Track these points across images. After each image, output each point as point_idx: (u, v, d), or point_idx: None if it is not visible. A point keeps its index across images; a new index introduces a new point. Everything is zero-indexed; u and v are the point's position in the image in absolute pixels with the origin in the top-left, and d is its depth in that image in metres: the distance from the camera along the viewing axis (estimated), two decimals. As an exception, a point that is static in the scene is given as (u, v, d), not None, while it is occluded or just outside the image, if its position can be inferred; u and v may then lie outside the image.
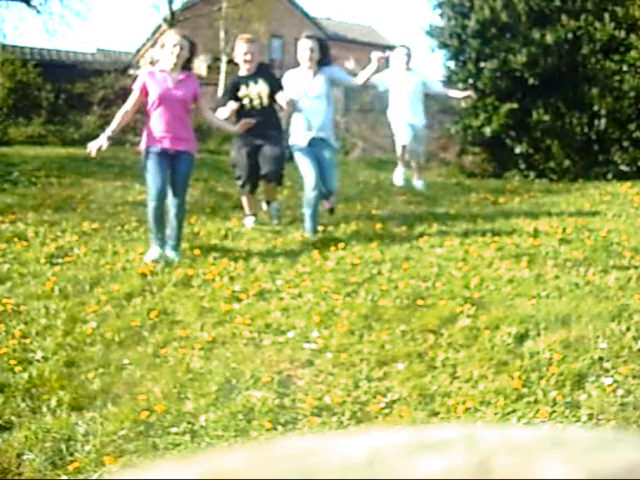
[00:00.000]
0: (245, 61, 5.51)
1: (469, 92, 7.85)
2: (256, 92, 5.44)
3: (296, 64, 5.43)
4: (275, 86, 5.45)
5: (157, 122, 4.62)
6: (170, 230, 4.76)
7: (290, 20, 23.54)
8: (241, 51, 5.55)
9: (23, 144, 12.41)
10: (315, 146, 5.29)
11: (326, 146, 5.34)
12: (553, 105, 9.23)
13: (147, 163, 4.61)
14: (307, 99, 5.27)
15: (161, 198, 4.59)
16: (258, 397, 2.88)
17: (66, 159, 9.43)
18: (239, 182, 5.65)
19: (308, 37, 5.36)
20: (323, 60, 5.34)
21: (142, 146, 4.68)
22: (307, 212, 5.42)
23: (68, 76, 14.76)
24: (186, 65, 4.70)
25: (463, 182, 8.99)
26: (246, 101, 5.45)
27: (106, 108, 13.80)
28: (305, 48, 5.30)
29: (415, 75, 7.19)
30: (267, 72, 5.70)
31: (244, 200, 5.85)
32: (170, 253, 4.75)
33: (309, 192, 5.28)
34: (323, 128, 5.31)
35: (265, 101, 5.45)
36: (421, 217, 6.08)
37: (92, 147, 4.49)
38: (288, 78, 5.41)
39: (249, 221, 5.81)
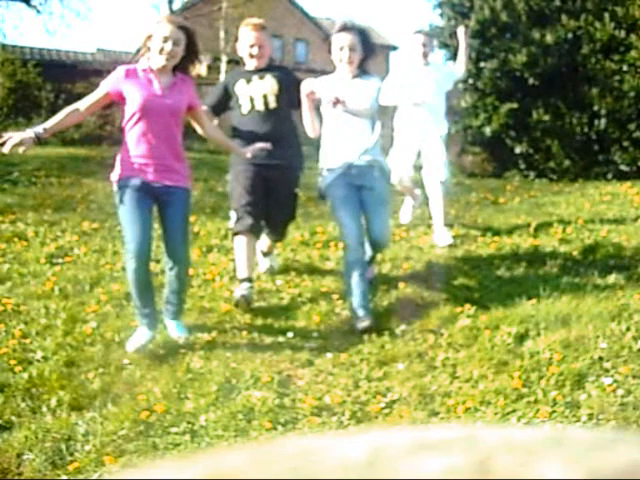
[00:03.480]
0: (251, 55, 3.93)
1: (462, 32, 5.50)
2: (260, 90, 3.90)
3: (296, 65, 5.04)
4: (289, 84, 3.87)
5: (137, 142, 3.27)
6: (166, 293, 3.49)
7: (290, 20, 23.53)
8: (246, 41, 3.94)
9: (23, 144, 12.41)
10: (357, 177, 3.74)
11: (373, 175, 3.76)
12: (553, 105, 9.23)
13: (121, 203, 3.26)
14: (345, 113, 3.70)
15: (145, 255, 3.27)
16: (258, 397, 2.88)
17: (66, 159, 9.43)
18: (234, 218, 3.97)
19: (346, 29, 3.68)
20: (367, 59, 3.79)
21: (115, 177, 3.32)
22: (351, 282, 3.66)
23: (68, 76, 14.76)
24: (181, 65, 3.36)
25: (463, 182, 9.00)
26: (244, 100, 3.92)
27: (106, 108, 13.82)
28: (342, 46, 3.68)
29: (436, 71, 5.18)
30: (281, 68, 4.15)
31: (238, 249, 3.93)
32: (172, 327, 3.48)
33: (352, 253, 3.66)
34: (367, 152, 3.74)
35: (272, 102, 3.90)
36: (421, 217, 6.08)
37: (10, 141, 3.06)
38: (321, 85, 3.73)
39: (241, 290, 3.79)
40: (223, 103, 4.05)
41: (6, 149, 3.03)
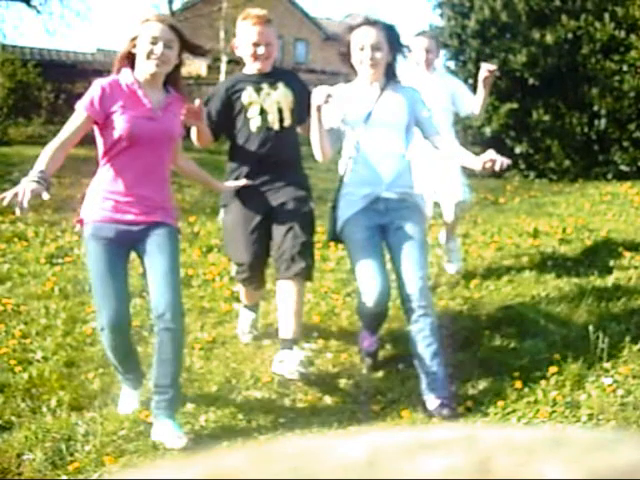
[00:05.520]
0: (256, 56, 3.10)
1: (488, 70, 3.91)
2: (274, 101, 3.11)
3: (296, 65, 4.31)
4: (302, 96, 3.10)
5: (118, 176, 2.61)
6: (155, 376, 2.58)
7: (290, 20, 23.53)
8: (249, 38, 3.09)
9: (23, 144, 12.42)
10: (384, 213, 2.93)
11: (404, 211, 2.94)
12: (553, 105, 9.23)
13: (92, 259, 2.58)
14: (369, 129, 2.93)
15: (124, 327, 2.60)
16: (258, 397, 2.88)
17: (66, 159, 9.40)
18: (236, 269, 3.23)
19: (369, 23, 2.92)
20: (396, 63, 3.01)
21: (84, 216, 2.63)
22: (364, 336, 3.20)
23: (68, 76, 14.77)
24: (171, 77, 2.69)
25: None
26: (253, 113, 3.10)
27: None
28: (365, 44, 2.89)
29: (444, 80, 4.21)
30: (290, 74, 3.40)
31: (243, 293, 3.44)
32: (165, 430, 2.50)
33: (368, 307, 2.87)
34: (398, 181, 2.94)
35: (287, 119, 3.12)
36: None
37: (23, 197, 2.24)
38: (341, 97, 2.94)
39: (246, 319, 3.47)
40: (226, 119, 3.14)
41: (19, 212, 2.26)
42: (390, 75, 3.00)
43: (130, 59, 2.64)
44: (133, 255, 2.74)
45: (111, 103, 2.57)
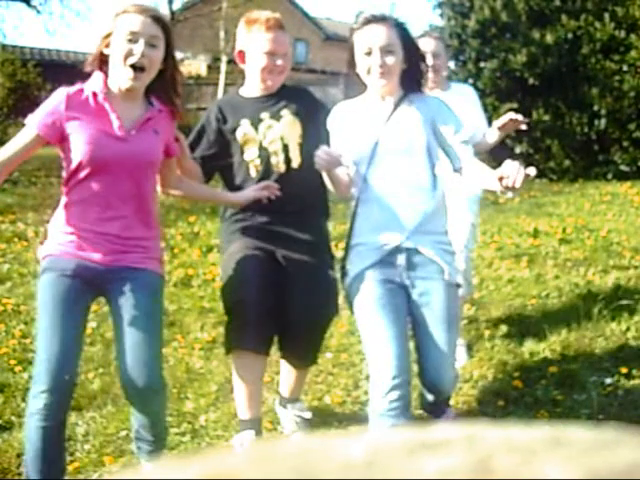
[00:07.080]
0: (270, 69, 2.41)
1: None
2: (277, 137, 2.43)
3: (296, 65, 3.72)
4: (314, 122, 2.40)
5: (85, 209, 2.07)
6: (134, 426, 2.17)
7: (290, 20, 23.47)
8: (261, 47, 2.40)
9: (23, 144, 12.45)
10: (403, 270, 2.17)
11: (434, 273, 2.16)
12: (553, 105, 9.23)
13: (42, 287, 2.03)
14: (378, 162, 2.18)
15: (64, 389, 1.93)
16: (258, 397, 2.87)
17: (66, 159, 9.44)
18: (231, 328, 2.47)
19: (377, 21, 2.18)
20: (413, 71, 2.23)
21: (43, 252, 2.12)
22: None
23: (68, 76, 14.80)
24: (158, 85, 2.10)
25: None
26: (251, 155, 2.44)
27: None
28: (371, 48, 2.15)
29: (460, 97, 3.15)
30: (300, 94, 2.59)
31: (237, 373, 2.51)
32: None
33: (380, 398, 2.04)
34: (425, 226, 2.16)
35: (295, 158, 2.43)
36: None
37: None
38: (339, 118, 2.28)
39: (244, 440, 2.41)
40: (218, 159, 2.50)
41: None
42: (409, 86, 2.24)
43: (105, 61, 2.07)
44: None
45: (69, 120, 2.02)
